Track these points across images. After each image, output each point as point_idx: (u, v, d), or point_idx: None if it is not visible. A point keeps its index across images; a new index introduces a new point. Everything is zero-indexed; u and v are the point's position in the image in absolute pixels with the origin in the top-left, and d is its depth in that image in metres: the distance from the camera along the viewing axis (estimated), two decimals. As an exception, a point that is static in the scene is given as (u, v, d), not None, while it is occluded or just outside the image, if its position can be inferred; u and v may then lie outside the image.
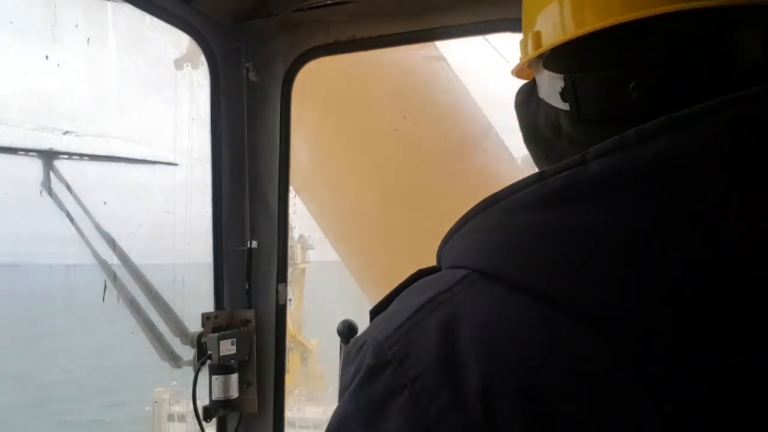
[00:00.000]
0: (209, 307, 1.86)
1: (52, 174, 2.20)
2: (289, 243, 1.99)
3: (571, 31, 0.55)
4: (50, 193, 2.19)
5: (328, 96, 2.99)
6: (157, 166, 2.51)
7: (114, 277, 2.16)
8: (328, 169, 3.46)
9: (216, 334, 1.75)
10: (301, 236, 10.55)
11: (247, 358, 1.82)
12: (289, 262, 1.99)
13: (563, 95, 0.56)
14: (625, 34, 0.51)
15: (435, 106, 3.08)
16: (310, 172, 3.36)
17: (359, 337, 0.52)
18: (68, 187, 2.23)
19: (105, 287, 2.16)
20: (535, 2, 0.61)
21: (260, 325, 1.85)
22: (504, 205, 0.47)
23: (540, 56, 0.60)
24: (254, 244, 1.85)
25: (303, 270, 10.94)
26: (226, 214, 1.87)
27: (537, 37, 0.59)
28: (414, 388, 0.44)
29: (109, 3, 1.92)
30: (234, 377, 1.78)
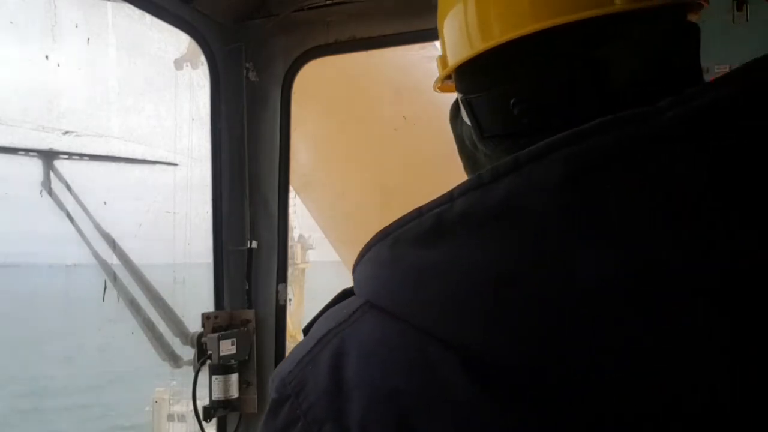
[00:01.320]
0: (209, 307, 1.86)
1: (52, 174, 2.20)
2: (289, 243, 1.99)
3: (462, 55, 0.58)
4: (50, 193, 2.19)
5: (328, 96, 2.99)
6: (157, 166, 2.51)
7: (114, 277, 2.16)
8: (328, 169, 3.46)
9: (216, 334, 1.75)
10: (301, 236, 10.54)
11: (247, 358, 1.82)
12: (289, 262, 1.99)
13: (467, 114, 0.60)
14: (507, 54, 0.54)
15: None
16: (310, 172, 3.36)
17: (276, 368, 0.56)
18: (68, 187, 2.23)
19: (105, 287, 2.16)
20: (441, 29, 0.64)
21: (260, 325, 1.85)
22: (390, 240, 0.49)
23: (450, 77, 0.64)
24: (254, 244, 1.85)
25: (303, 270, 10.93)
26: (226, 214, 1.87)
27: (443, 59, 0.63)
28: (306, 419, 0.48)
29: (109, 3, 1.92)
30: (234, 377, 1.78)
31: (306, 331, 0.58)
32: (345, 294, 0.58)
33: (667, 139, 0.40)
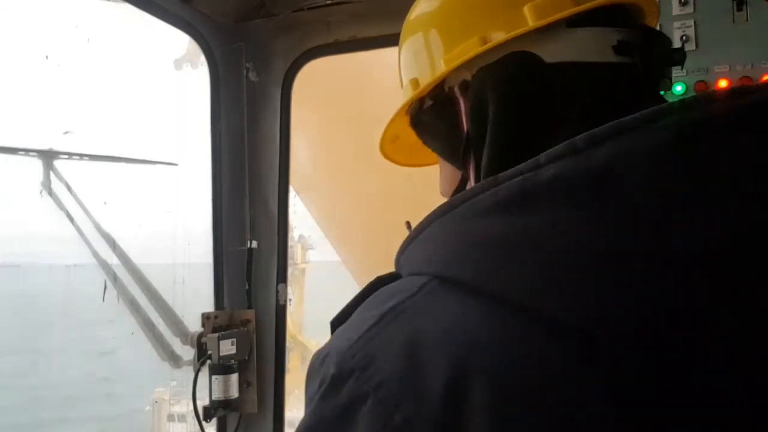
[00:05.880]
0: (209, 307, 1.86)
1: (52, 174, 2.20)
2: (289, 243, 1.99)
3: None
4: (50, 193, 2.20)
5: (328, 96, 2.99)
6: (157, 166, 2.51)
7: (114, 277, 2.16)
8: (328, 169, 3.46)
9: (216, 334, 1.75)
10: (301, 236, 10.54)
11: (247, 358, 1.82)
12: (289, 262, 1.99)
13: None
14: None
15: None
16: (310, 172, 3.36)
17: (322, 348, 0.52)
18: (68, 187, 2.23)
19: (105, 287, 2.16)
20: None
21: (260, 325, 1.85)
22: (460, 212, 0.48)
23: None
24: (254, 244, 1.85)
25: (303, 270, 10.93)
26: (226, 214, 1.86)
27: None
28: (378, 395, 0.45)
29: (109, 3, 1.92)
30: (234, 377, 1.77)
31: (336, 322, 0.56)
32: (380, 280, 0.57)
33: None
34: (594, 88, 0.58)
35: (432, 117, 0.70)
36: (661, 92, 0.63)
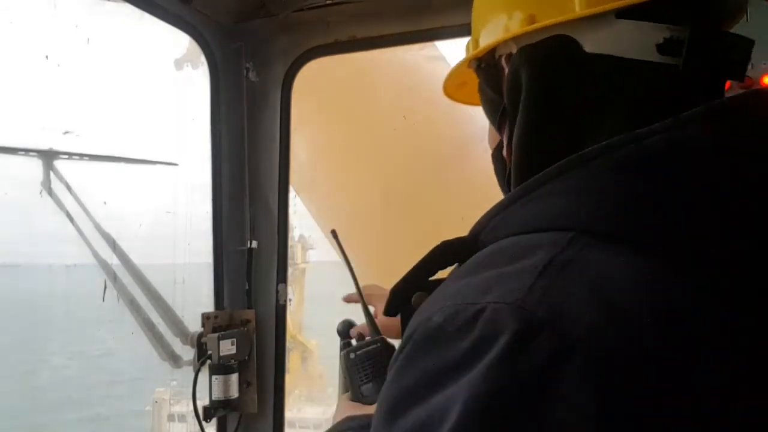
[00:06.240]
0: (209, 307, 1.86)
1: (52, 174, 2.21)
2: (289, 243, 1.99)
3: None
4: (50, 193, 2.20)
5: (328, 96, 2.99)
6: (157, 166, 2.51)
7: (114, 277, 2.16)
8: (328, 169, 3.46)
9: (216, 334, 1.75)
10: (301, 236, 10.56)
11: (247, 358, 1.82)
12: (289, 262, 1.99)
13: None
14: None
15: (435, 106, 3.08)
16: (310, 172, 3.36)
17: (456, 308, 0.47)
18: (68, 187, 2.23)
19: (105, 287, 2.16)
20: None
21: (260, 325, 1.85)
22: (600, 165, 0.49)
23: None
24: (254, 244, 1.85)
25: (303, 270, 10.94)
26: (226, 214, 1.86)
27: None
28: (588, 346, 0.41)
29: (109, 3, 1.92)
30: (234, 377, 1.78)
31: (402, 290, 0.59)
32: (447, 245, 0.58)
33: None
34: (634, 84, 0.57)
35: (483, 79, 0.72)
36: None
